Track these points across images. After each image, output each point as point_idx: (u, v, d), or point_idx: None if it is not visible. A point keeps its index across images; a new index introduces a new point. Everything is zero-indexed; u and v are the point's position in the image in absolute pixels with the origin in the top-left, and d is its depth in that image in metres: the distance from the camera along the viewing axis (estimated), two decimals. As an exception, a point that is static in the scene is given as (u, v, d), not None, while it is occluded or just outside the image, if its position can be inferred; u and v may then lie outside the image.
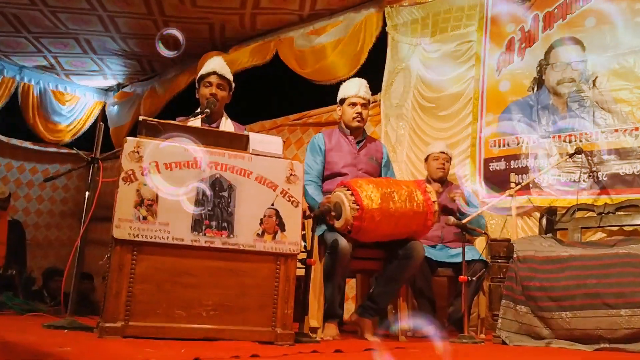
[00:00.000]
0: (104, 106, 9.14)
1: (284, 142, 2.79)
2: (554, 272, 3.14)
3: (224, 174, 2.54)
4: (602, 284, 2.97)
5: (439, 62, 5.24)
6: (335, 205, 3.16)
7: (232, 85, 3.58)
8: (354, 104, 3.72)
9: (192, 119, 3.20)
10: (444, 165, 4.33)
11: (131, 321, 2.32)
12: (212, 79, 3.46)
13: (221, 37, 7.02)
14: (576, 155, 4.08)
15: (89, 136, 8.55)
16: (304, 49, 6.36)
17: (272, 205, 2.59)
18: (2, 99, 7.90)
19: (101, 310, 2.42)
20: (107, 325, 2.28)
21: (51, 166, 8.69)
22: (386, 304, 3.54)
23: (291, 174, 2.65)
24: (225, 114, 3.57)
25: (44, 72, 8.41)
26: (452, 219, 3.44)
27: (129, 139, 2.44)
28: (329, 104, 5.96)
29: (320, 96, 6.07)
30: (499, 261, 3.45)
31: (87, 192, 3.19)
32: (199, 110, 3.35)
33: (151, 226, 2.38)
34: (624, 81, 4.09)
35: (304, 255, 2.96)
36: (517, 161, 4.52)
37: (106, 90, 9.12)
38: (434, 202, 3.22)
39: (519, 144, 4.56)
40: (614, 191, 4.01)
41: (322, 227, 3.33)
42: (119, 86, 8.90)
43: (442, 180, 4.33)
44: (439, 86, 5.21)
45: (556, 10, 4.51)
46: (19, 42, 7.32)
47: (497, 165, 4.64)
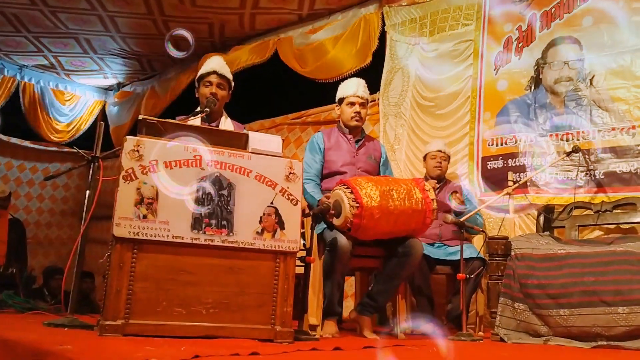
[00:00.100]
0: (104, 105, 9.14)
1: (283, 140, 2.80)
2: (551, 270, 3.16)
3: (224, 173, 2.55)
4: (600, 282, 2.99)
5: (437, 62, 5.25)
6: (334, 203, 3.17)
7: (232, 84, 3.59)
8: (353, 104, 3.73)
9: (192, 118, 3.21)
10: (440, 163, 4.34)
11: (131, 319, 2.33)
12: (212, 78, 3.47)
13: (221, 36, 7.03)
14: (573, 153, 4.10)
15: (89, 135, 8.55)
16: (303, 47, 6.36)
17: (272, 203, 2.60)
18: (3, 98, 7.90)
19: (101, 308, 2.43)
20: (108, 323, 2.29)
21: (51, 165, 8.69)
22: (385, 302, 3.55)
23: (290, 173, 2.66)
24: (224, 113, 3.57)
25: (44, 72, 8.40)
26: (450, 217, 3.46)
27: (129, 137, 2.45)
28: (327, 103, 5.97)
29: (319, 95, 6.08)
30: (497, 259, 3.45)
31: (88, 191, 3.19)
32: (198, 109, 3.36)
33: (151, 224, 2.39)
34: (621, 80, 4.10)
35: (303, 253, 2.98)
36: (514, 160, 4.53)
37: (106, 89, 9.12)
38: (432, 200, 3.24)
39: (516, 142, 4.57)
40: (611, 189, 4.02)
41: (321, 225, 3.34)
42: (119, 85, 8.90)
43: (440, 178, 4.34)
44: (437, 85, 5.21)
45: (554, 9, 4.51)
46: (19, 41, 7.32)
47: (495, 163, 4.65)
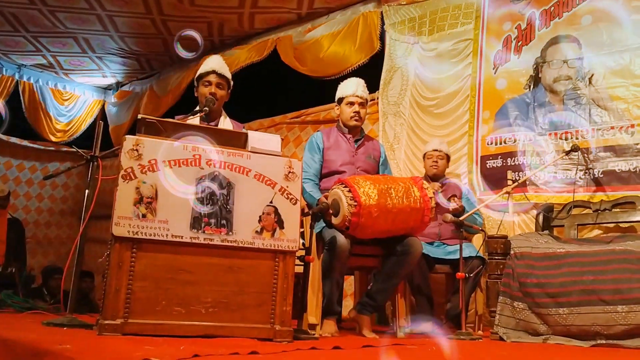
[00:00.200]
0: (103, 104, 9.13)
1: (282, 140, 2.80)
2: (550, 269, 3.16)
3: (223, 172, 2.55)
4: (599, 281, 2.99)
5: (436, 61, 5.25)
6: (332, 202, 3.17)
7: (231, 83, 3.59)
8: (352, 103, 3.74)
9: (191, 117, 3.21)
10: (437, 162, 4.34)
11: (130, 318, 2.33)
12: (211, 78, 3.47)
13: (220, 36, 7.03)
14: (572, 152, 4.10)
15: (88, 134, 8.54)
16: (303, 46, 6.35)
17: (271, 202, 2.59)
18: (2, 98, 7.89)
19: (101, 307, 2.43)
20: (107, 322, 2.29)
21: (50, 164, 8.68)
22: (384, 301, 3.55)
23: (290, 172, 2.66)
24: (224, 112, 3.57)
25: (42, 71, 8.39)
26: (449, 216, 3.45)
27: (128, 137, 2.44)
28: (327, 102, 5.97)
29: (318, 94, 6.08)
30: (496, 258, 3.46)
31: (87, 190, 3.19)
32: (197, 108, 3.36)
33: (150, 224, 2.39)
34: (620, 78, 4.10)
35: (302, 252, 2.98)
36: (513, 158, 4.53)
37: (105, 88, 9.11)
38: (430, 198, 3.24)
39: (515, 141, 4.57)
40: (610, 188, 4.02)
41: (320, 224, 3.35)
42: (118, 85, 8.89)
43: (436, 177, 4.34)
44: (436, 84, 5.21)
45: (553, 8, 4.51)
46: (17, 41, 7.31)
47: (494, 162, 4.64)
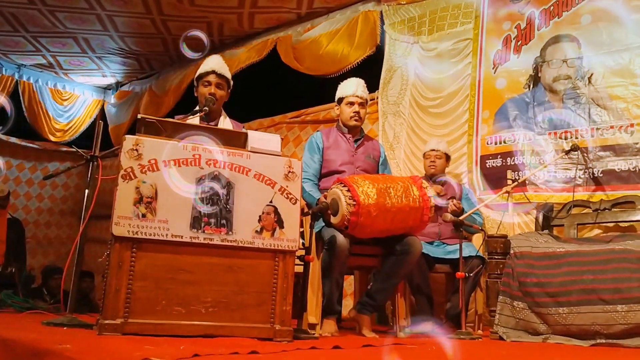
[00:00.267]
0: (103, 104, 9.13)
1: (282, 139, 2.81)
2: (550, 268, 3.16)
3: (223, 172, 2.55)
4: (598, 280, 2.99)
5: (435, 60, 5.25)
6: (331, 201, 3.17)
7: (231, 83, 3.59)
8: (352, 103, 3.74)
9: (191, 117, 3.21)
10: (434, 162, 4.34)
11: (130, 318, 2.33)
12: (211, 78, 3.46)
13: (219, 36, 7.03)
14: (572, 152, 4.10)
15: (88, 134, 8.54)
16: (302, 45, 6.35)
17: (271, 202, 2.60)
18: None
19: (101, 307, 2.43)
20: (107, 322, 2.29)
21: (50, 164, 8.68)
22: (384, 300, 3.55)
23: (289, 171, 2.66)
24: (224, 112, 3.57)
25: (42, 71, 8.39)
26: (449, 216, 3.45)
27: (127, 136, 2.45)
28: (326, 102, 5.98)
29: (318, 94, 6.09)
30: (496, 257, 3.46)
31: (87, 190, 3.19)
32: (197, 108, 3.36)
33: (150, 223, 2.39)
34: (619, 78, 4.09)
35: (302, 252, 2.98)
36: (513, 158, 4.53)
37: (105, 88, 9.10)
38: (430, 197, 3.24)
39: (515, 141, 4.56)
40: (610, 187, 4.01)
41: (319, 224, 3.35)
42: (118, 84, 8.89)
43: (435, 177, 4.33)
44: (436, 84, 5.21)
45: (553, 7, 4.51)
46: (17, 41, 7.30)
47: (494, 162, 4.64)
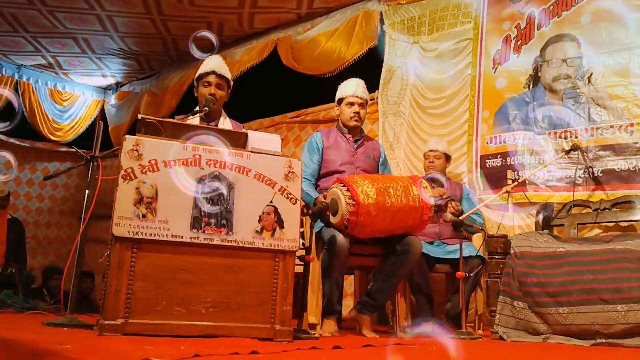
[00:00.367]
0: (103, 105, 9.13)
1: (282, 139, 2.81)
2: (550, 268, 3.16)
3: (223, 172, 2.55)
4: (599, 280, 2.99)
5: (435, 60, 5.24)
6: (331, 201, 3.17)
7: (231, 84, 3.59)
8: (352, 104, 3.75)
9: (191, 117, 3.21)
10: (433, 162, 4.34)
11: (131, 318, 2.33)
12: (211, 78, 3.47)
13: (219, 36, 7.02)
14: (572, 151, 4.10)
15: (88, 135, 8.54)
16: (301, 45, 6.35)
17: (271, 202, 2.60)
18: (2, 98, 7.87)
19: (101, 307, 2.43)
20: (107, 322, 2.29)
21: (50, 164, 8.68)
22: (384, 300, 3.56)
23: (289, 172, 2.66)
24: (224, 112, 3.57)
25: (42, 71, 8.38)
26: (449, 216, 3.46)
27: (128, 137, 2.45)
28: (326, 102, 5.98)
29: (317, 94, 6.09)
30: (496, 257, 3.46)
31: (87, 191, 3.20)
32: (197, 108, 3.36)
33: (150, 224, 2.39)
34: (619, 77, 4.09)
35: (302, 252, 2.98)
36: (513, 158, 4.53)
37: (105, 88, 9.10)
38: (429, 196, 3.24)
39: (515, 140, 4.56)
40: (610, 187, 4.01)
41: (319, 224, 3.35)
42: (118, 85, 8.88)
43: (434, 177, 4.33)
44: (436, 84, 5.21)
45: (552, 7, 4.51)
46: (17, 41, 7.30)
47: (494, 161, 4.64)
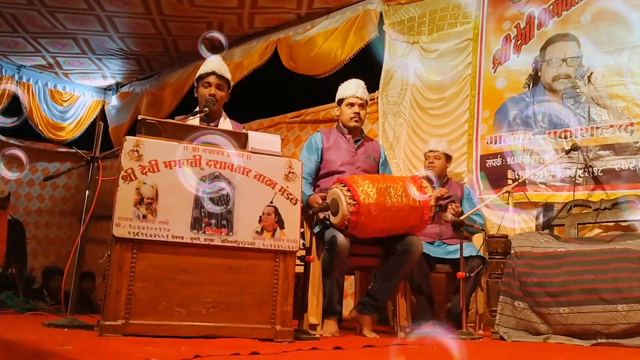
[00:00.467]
0: (103, 105, 9.12)
1: (282, 140, 2.81)
2: (551, 268, 3.16)
3: (223, 172, 2.55)
4: (599, 280, 2.99)
5: (436, 60, 5.24)
6: (332, 201, 3.17)
7: (231, 84, 3.60)
8: (352, 105, 3.75)
9: (191, 117, 3.21)
10: (433, 163, 4.33)
11: (131, 319, 2.33)
12: (211, 79, 3.46)
13: (219, 36, 7.03)
14: (572, 151, 4.10)
15: (88, 135, 8.54)
16: (300, 45, 6.34)
17: (271, 202, 2.60)
18: (5, 99, 7.88)
19: (101, 308, 2.43)
20: (108, 323, 2.29)
21: (51, 165, 8.67)
22: (385, 301, 3.56)
23: (290, 172, 2.66)
24: (224, 113, 3.57)
25: (42, 72, 8.38)
26: (449, 216, 3.45)
27: (128, 137, 2.45)
28: (326, 102, 5.98)
29: (317, 94, 6.09)
30: (497, 257, 3.46)
31: (87, 191, 3.20)
32: (197, 109, 3.36)
33: (151, 224, 2.39)
34: (619, 77, 4.09)
35: (302, 252, 2.98)
36: (513, 157, 4.53)
37: (105, 89, 9.10)
38: (430, 196, 3.24)
39: (515, 140, 4.56)
40: (610, 187, 4.01)
41: (319, 224, 3.35)
42: (118, 85, 8.88)
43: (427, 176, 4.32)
44: (436, 84, 5.20)
45: (552, 6, 4.51)
46: (17, 42, 7.29)
47: (494, 161, 4.64)
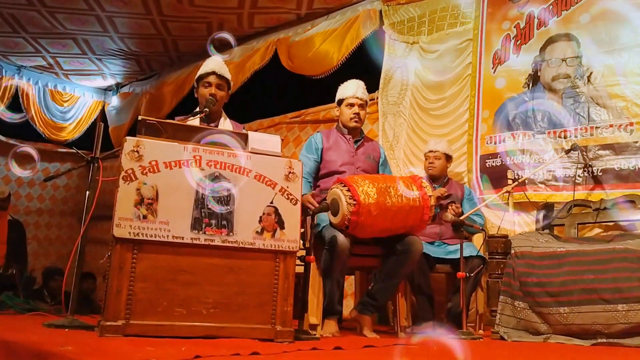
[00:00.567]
0: (103, 106, 9.13)
1: (282, 140, 2.81)
2: (551, 268, 3.16)
3: (223, 173, 2.56)
4: (599, 280, 2.99)
5: (435, 60, 5.24)
6: (332, 201, 3.18)
7: (231, 84, 3.60)
8: (352, 105, 3.75)
9: (191, 118, 3.21)
10: (433, 163, 4.33)
11: (132, 320, 2.33)
12: (211, 79, 3.47)
13: (219, 36, 7.02)
14: (572, 151, 4.10)
15: (88, 136, 8.54)
16: (300, 45, 6.34)
17: (271, 203, 2.60)
18: (6, 99, 7.88)
19: (102, 309, 2.43)
20: (108, 323, 2.30)
21: (51, 165, 8.67)
22: (385, 301, 3.56)
23: (290, 172, 2.66)
24: (224, 113, 3.58)
25: (42, 72, 8.38)
26: (449, 216, 3.46)
27: (128, 138, 2.45)
28: (326, 102, 5.98)
29: (317, 94, 6.09)
30: (497, 257, 3.46)
31: (88, 192, 3.20)
32: (197, 109, 3.36)
33: (151, 225, 2.39)
34: (618, 77, 4.09)
35: (302, 252, 2.98)
36: (513, 157, 4.53)
37: (105, 89, 9.10)
38: (430, 196, 3.24)
39: (515, 140, 4.56)
40: (610, 186, 4.01)
41: (319, 224, 3.35)
42: (118, 86, 8.88)
43: (434, 177, 4.33)
44: (436, 84, 5.21)
45: (552, 6, 4.51)
46: (17, 42, 7.29)
47: (494, 161, 4.64)
